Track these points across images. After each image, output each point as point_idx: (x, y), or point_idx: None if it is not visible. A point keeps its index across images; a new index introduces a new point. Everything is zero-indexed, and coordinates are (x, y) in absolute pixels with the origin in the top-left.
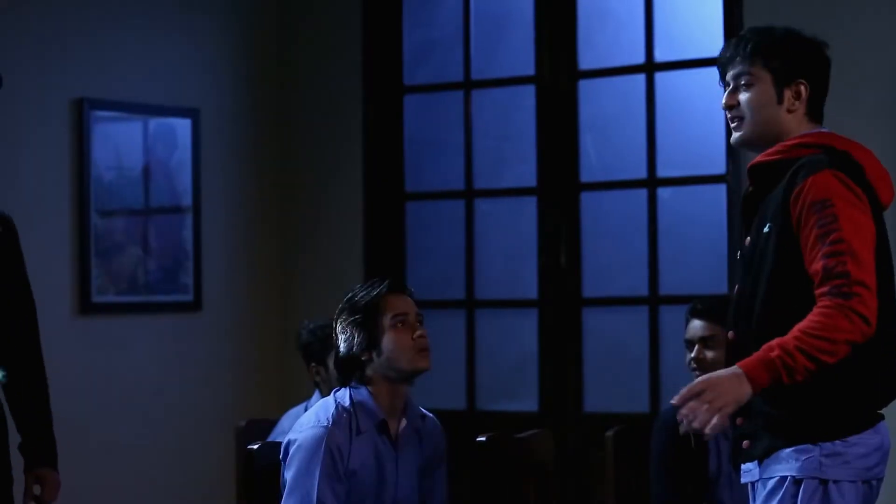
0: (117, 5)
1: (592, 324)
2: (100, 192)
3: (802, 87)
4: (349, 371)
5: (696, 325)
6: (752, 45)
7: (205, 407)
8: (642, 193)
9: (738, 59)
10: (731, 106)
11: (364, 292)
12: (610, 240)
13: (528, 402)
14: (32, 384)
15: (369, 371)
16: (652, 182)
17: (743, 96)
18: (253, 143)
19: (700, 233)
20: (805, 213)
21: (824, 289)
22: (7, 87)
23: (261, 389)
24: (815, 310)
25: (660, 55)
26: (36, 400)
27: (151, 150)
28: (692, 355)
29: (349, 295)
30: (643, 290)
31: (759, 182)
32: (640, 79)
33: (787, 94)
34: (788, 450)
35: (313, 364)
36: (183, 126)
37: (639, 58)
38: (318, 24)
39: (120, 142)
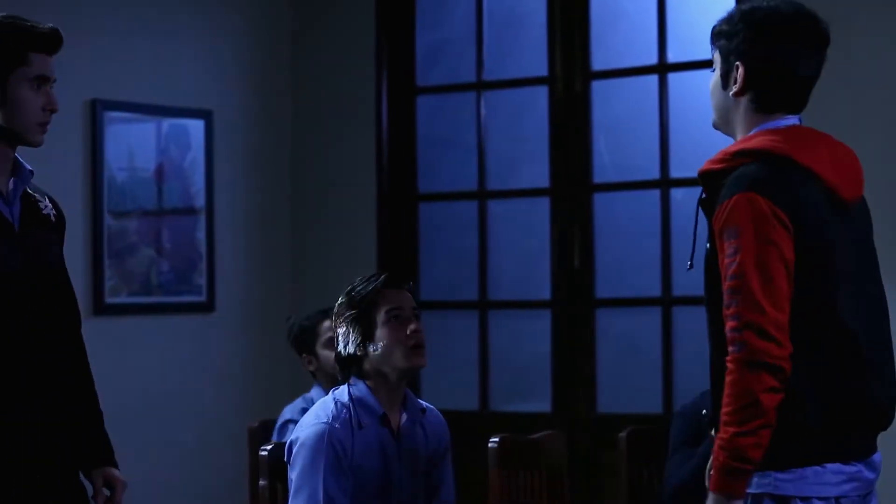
0: (130, 7)
1: (605, 325)
2: (113, 193)
3: (740, 70)
4: (347, 366)
5: None
6: (716, 22)
7: (218, 407)
8: (655, 194)
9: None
10: None
11: (361, 287)
12: (623, 240)
13: (540, 403)
14: (80, 383)
15: (366, 366)
16: (665, 183)
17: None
18: (266, 144)
19: None
20: (719, 241)
21: (726, 329)
22: None
23: (273, 390)
24: (726, 376)
25: (672, 56)
26: (86, 399)
27: (164, 151)
28: None
29: (347, 289)
30: (656, 291)
31: (710, 190)
32: (653, 79)
33: (731, 77)
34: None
35: (305, 354)
36: (196, 127)
37: (652, 58)
38: (331, 25)
39: (133, 143)
